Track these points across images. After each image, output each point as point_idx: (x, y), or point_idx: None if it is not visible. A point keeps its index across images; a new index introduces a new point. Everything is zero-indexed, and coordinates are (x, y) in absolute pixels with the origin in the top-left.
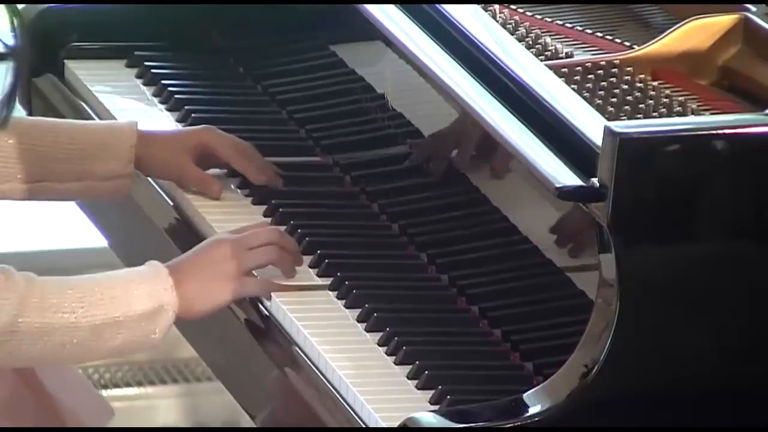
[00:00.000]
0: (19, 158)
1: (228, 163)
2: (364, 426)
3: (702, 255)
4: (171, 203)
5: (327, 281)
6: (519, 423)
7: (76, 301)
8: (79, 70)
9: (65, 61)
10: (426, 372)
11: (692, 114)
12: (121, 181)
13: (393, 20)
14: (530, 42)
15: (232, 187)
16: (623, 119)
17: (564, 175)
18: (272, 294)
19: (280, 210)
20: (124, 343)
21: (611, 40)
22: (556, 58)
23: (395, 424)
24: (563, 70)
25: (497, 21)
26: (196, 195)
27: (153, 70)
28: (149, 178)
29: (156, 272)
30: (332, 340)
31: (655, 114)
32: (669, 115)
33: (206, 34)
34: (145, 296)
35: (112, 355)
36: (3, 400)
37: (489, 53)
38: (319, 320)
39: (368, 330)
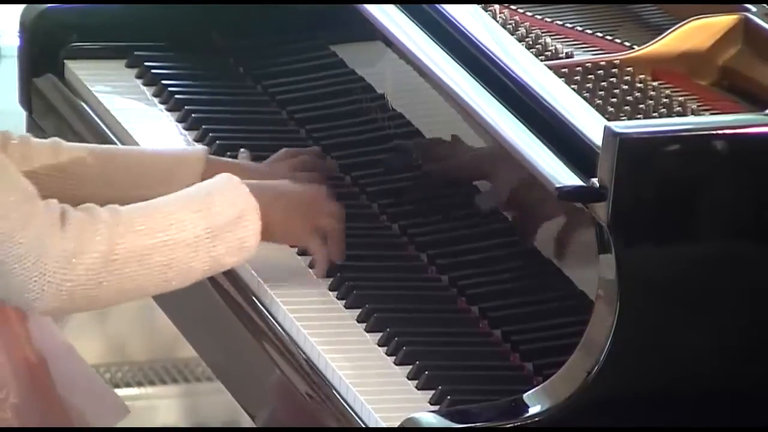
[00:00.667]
0: (96, 185)
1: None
2: (364, 426)
3: (702, 255)
4: None
5: (327, 281)
6: (519, 423)
7: (165, 221)
8: (79, 70)
9: (65, 61)
10: (426, 372)
11: (692, 114)
12: None
13: (393, 20)
14: (530, 42)
15: None
16: (623, 119)
17: (564, 175)
18: (272, 294)
19: None
20: (223, 254)
21: (611, 40)
22: (556, 58)
23: (395, 424)
24: (563, 70)
25: (497, 21)
26: None
27: (153, 70)
28: None
29: (229, 179)
30: (332, 340)
31: (655, 114)
32: (669, 115)
33: (206, 34)
34: (228, 204)
35: (216, 269)
36: (14, 405)
37: (489, 53)
38: (319, 320)
39: (368, 330)
